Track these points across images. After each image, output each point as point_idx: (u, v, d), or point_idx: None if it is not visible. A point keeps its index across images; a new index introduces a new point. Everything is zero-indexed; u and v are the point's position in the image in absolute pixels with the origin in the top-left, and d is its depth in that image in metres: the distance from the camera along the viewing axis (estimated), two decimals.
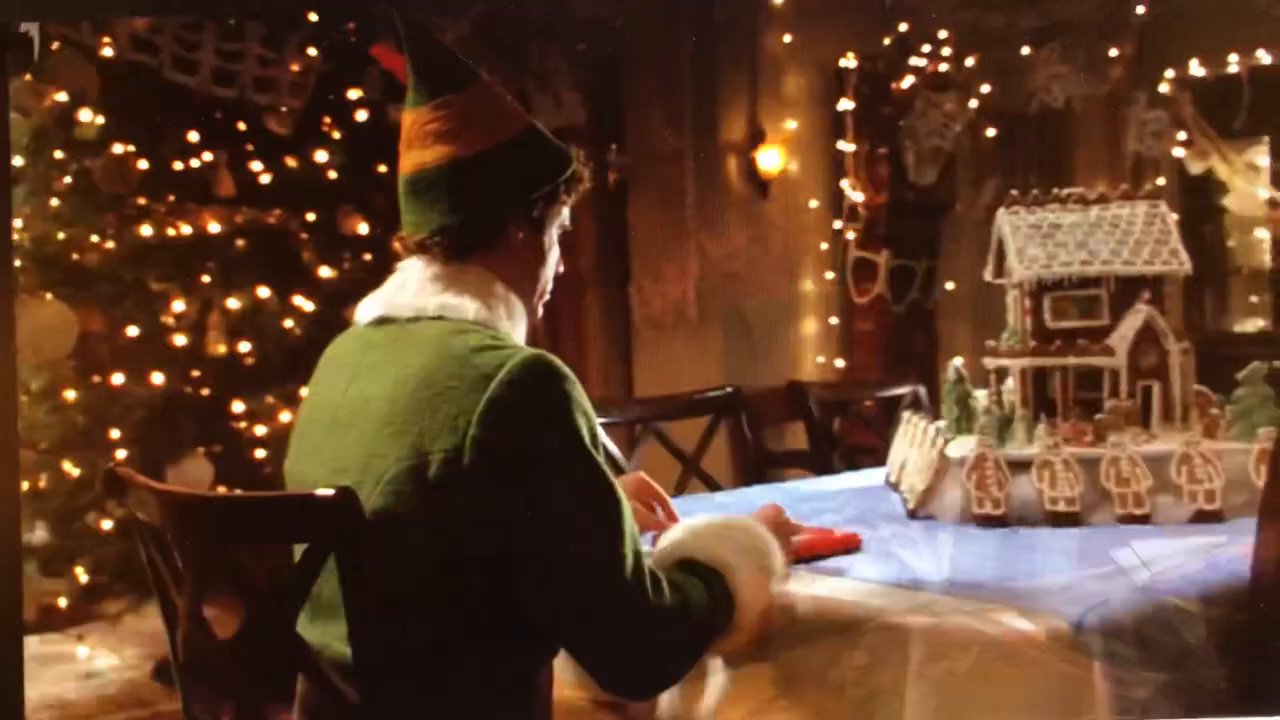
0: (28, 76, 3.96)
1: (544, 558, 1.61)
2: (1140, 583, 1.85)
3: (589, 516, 1.63)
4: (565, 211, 1.88)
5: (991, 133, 5.51)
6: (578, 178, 1.85)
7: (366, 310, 1.81)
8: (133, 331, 4.02)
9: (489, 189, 1.77)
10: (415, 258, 1.81)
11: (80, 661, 4.46)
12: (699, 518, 1.91)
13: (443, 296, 1.74)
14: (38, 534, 4.26)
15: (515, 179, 1.79)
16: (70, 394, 4.16)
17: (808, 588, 1.89)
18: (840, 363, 5.59)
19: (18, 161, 4.12)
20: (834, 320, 5.64)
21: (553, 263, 1.89)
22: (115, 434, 4.03)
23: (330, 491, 1.45)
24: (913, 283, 5.67)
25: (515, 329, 1.79)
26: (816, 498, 2.64)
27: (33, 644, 4.64)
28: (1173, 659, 1.72)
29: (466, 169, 1.76)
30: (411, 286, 1.78)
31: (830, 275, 5.64)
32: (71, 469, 4.22)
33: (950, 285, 5.56)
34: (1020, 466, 2.29)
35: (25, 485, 4.20)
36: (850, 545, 2.12)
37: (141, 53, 3.86)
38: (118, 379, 4.02)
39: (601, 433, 1.71)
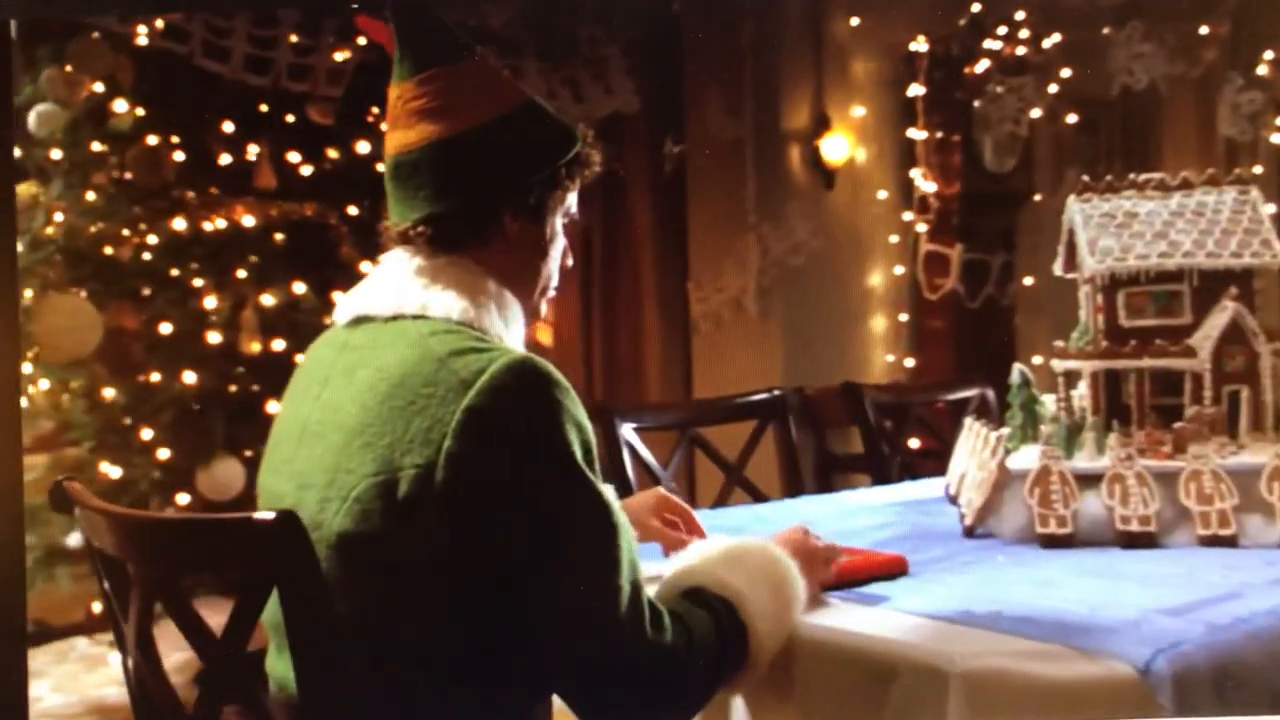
0: (68, 68, 3.88)
1: (528, 591, 1.42)
2: (1223, 619, 1.62)
3: (579, 544, 1.44)
4: (571, 198, 1.68)
5: (1072, 118, 5.25)
6: (583, 160, 1.66)
7: (344, 309, 1.63)
8: (165, 329, 3.92)
9: (478, 173, 1.59)
10: (399, 249, 1.63)
11: (114, 669, 4.39)
12: (712, 540, 1.72)
13: (425, 293, 1.57)
14: (76, 536, 4.19)
15: (508, 161, 1.60)
16: (109, 392, 4.08)
17: (837, 620, 1.68)
18: (910, 362, 5.37)
19: (55, 155, 4.05)
20: (903, 317, 5.42)
21: (557, 256, 1.70)
22: (147, 434, 3.93)
23: (270, 515, 1.27)
24: (988, 278, 5.41)
25: (509, 331, 1.60)
26: (867, 511, 2.45)
27: (81, 645, 4.59)
28: (1259, 713, 1.49)
29: (453, 150, 1.58)
30: (392, 282, 1.60)
31: (900, 270, 5.41)
32: (110, 469, 4.14)
33: (1028, 280, 5.30)
34: (1089, 481, 2.09)
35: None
36: (895, 569, 1.91)
37: (171, 40, 3.75)
38: (146, 377, 3.92)
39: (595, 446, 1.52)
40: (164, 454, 4.09)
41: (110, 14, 3.38)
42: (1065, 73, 5.13)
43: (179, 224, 3.90)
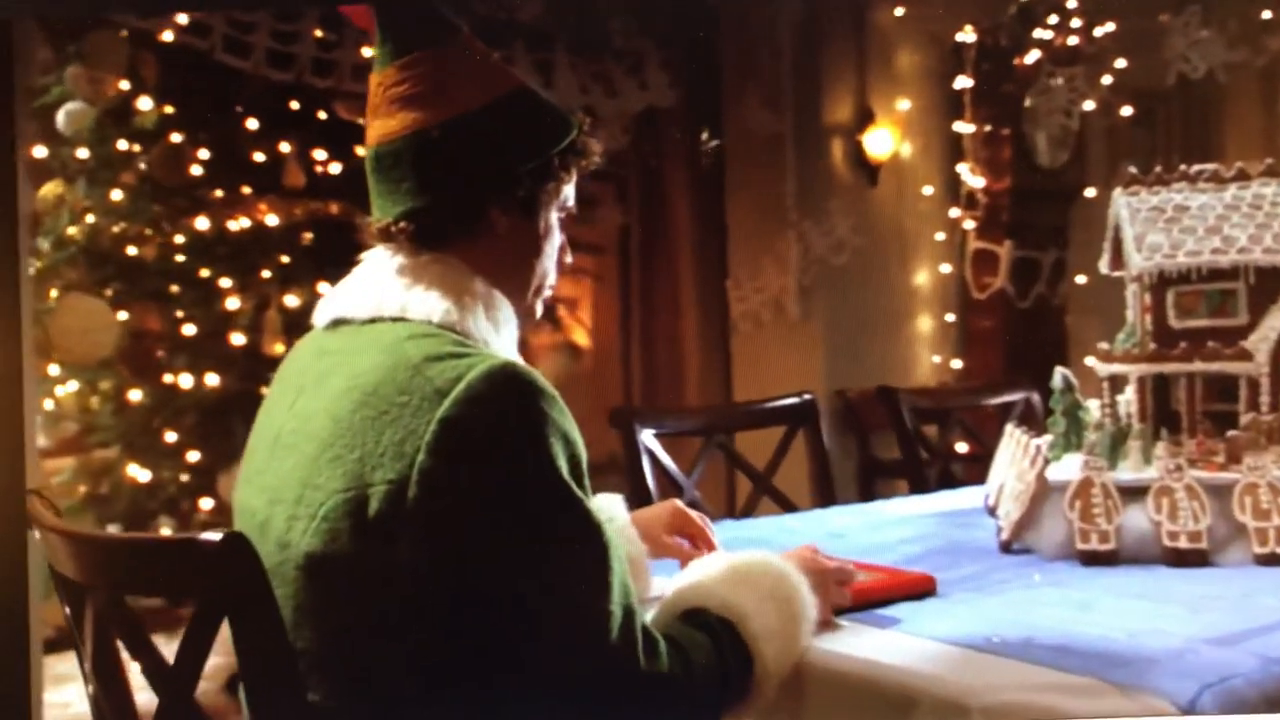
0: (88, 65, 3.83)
1: (508, 620, 1.31)
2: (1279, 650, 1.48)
3: (565, 567, 1.33)
4: (567, 190, 1.57)
5: (1127, 110, 5.06)
6: (579, 150, 1.55)
7: (322, 310, 1.53)
8: (188, 330, 3.86)
9: (464, 164, 1.48)
10: (380, 247, 1.53)
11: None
12: (715, 557, 1.60)
13: (406, 294, 1.46)
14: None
15: (496, 151, 1.49)
16: (136, 394, 4.03)
17: (853, 645, 1.55)
18: (957, 364, 5.20)
19: (82, 154, 4.00)
20: (950, 317, 5.25)
21: (552, 252, 1.59)
22: (171, 437, 3.87)
23: (215, 536, 1.17)
24: (1038, 276, 5.24)
25: (499, 334, 1.49)
26: (899, 523, 2.32)
27: None
28: None
29: (437, 140, 1.48)
30: (372, 282, 1.50)
31: (946, 268, 5.24)
32: (139, 472, 4.09)
33: (1081, 279, 5.12)
34: (1134, 494, 1.96)
35: (83, 489, 4.08)
36: (920, 588, 1.78)
37: (192, 35, 3.68)
38: (169, 379, 3.87)
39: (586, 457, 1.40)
40: (194, 456, 4.03)
41: (109, 13, 3.31)
42: (1120, 63, 4.96)
43: (202, 223, 3.84)
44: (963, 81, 5.13)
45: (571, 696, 1.34)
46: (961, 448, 3.33)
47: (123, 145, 3.97)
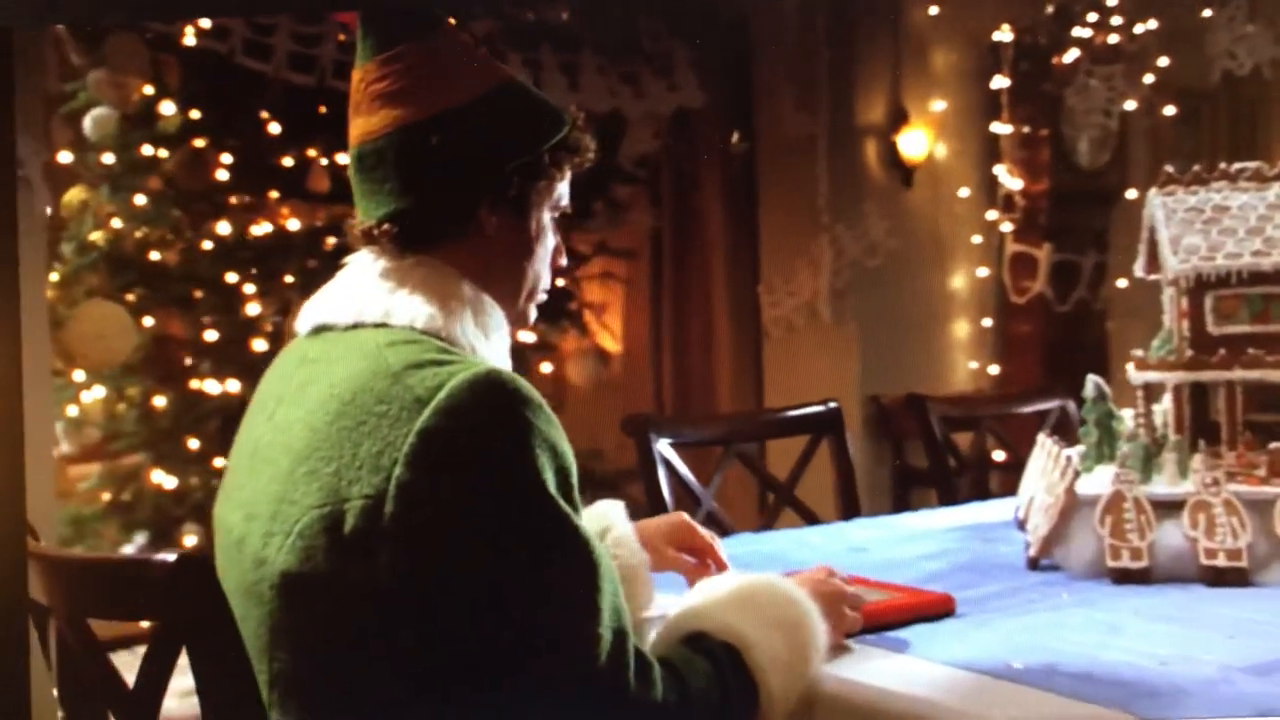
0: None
1: (490, 645, 1.24)
2: None
3: (550, 588, 1.26)
4: (560, 189, 1.50)
5: (1170, 110, 4.94)
6: (572, 146, 1.47)
7: (304, 317, 1.47)
8: (210, 336, 3.83)
9: (448, 162, 1.41)
10: (364, 250, 1.46)
11: (179, 677, 4.30)
12: (723, 578, 1.52)
13: (390, 298, 1.39)
14: (131, 547, 4.13)
15: (483, 148, 1.42)
16: (160, 400, 4.01)
17: (864, 670, 1.47)
18: (995, 369, 5.09)
19: (108, 159, 3.99)
20: (988, 322, 5.13)
21: (545, 254, 1.51)
22: (195, 444, 3.85)
23: (169, 557, 1.11)
24: (1078, 280, 5.11)
25: (489, 341, 1.41)
26: (923, 537, 2.23)
27: (124, 658, 4.54)
28: None
29: (420, 137, 1.41)
30: (354, 286, 1.43)
31: (984, 272, 5.13)
32: (164, 479, 4.07)
33: (1122, 283, 5.00)
34: (1169, 508, 1.86)
35: (106, 497, 4.06)
36: (938, 609, 1.69)
37: (210, 38, 3.65)
38: (194, 385, 3.84)
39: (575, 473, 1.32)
40: (219, 462, 4.01)
41: (108, 20, 3.28)
42: (1162, 60, 4.83)
43: (224, 228, 3.80)
44: (1000, 81, 5.03)
45: None
46: (999, 456, 3.23)
47: (147, 150, 3.95)
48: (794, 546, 2.18)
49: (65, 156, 3.97)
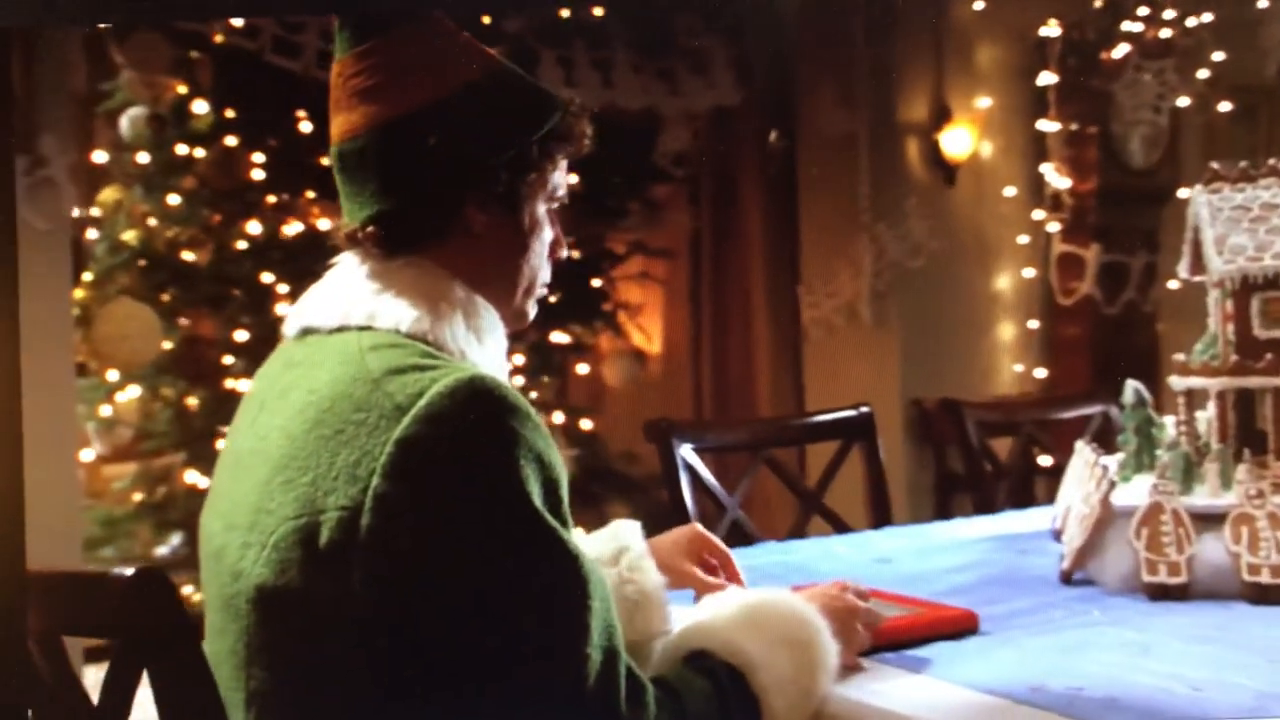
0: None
1: (472, 665, 1.18)
2: None
3: (535, 605, 1.20)
4: (555, 179, 1.42)
5: (1225, 106, 4.79)
6: (565, 134, 1.40)
7: (291, 320, 1.41)
8: (241, 336, 3.81)
9: (431, 158, 1.34)
10: (350, 252, 1.40)
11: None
12: (729, 594, 1.45)
13: (375, 300, 1.33)
14: (165, 548, 4.12)
15: (466, 142, 1.35)
16: (193, 400, 4.00)
17: (878, 693, 1.39)
18: (1041, 373, 4.96)
19: (142, 159, 3.98)
20: (1034, 324, 5.01)
21: (542, 249, 1.43)
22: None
23: (128, 571, 1.05)
24: (1127, 281, 4.98)
25: (483, 344, 1.35)
26: (954, 547, 2.15)
27: None
28: None
29: (400, 135, 1.34)
30: (341, 288, 1.37)
31: (1030, 273, 5.00)
32: (198, 478, 4.06)
33: (1173, 284, 4.86)
34: (1210, 521, 1.78)
35: (138, 497, 4.05)
36: (960, 626, 1.61)
37: (240, 36, 3.62)
38: (229, 384, 3.82)
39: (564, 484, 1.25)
40: None
41: (108, 20, 3.26)
42: (1217, 55, 4.69)
43: (254, 228, 3.78)
44: (1047, 78, 4.90)
45: None
46: (1045, 461, 3.13)
47: (181, 149, 3.94)
48: (819, 557, 2.11)
49: (102, 156, 3.96)
